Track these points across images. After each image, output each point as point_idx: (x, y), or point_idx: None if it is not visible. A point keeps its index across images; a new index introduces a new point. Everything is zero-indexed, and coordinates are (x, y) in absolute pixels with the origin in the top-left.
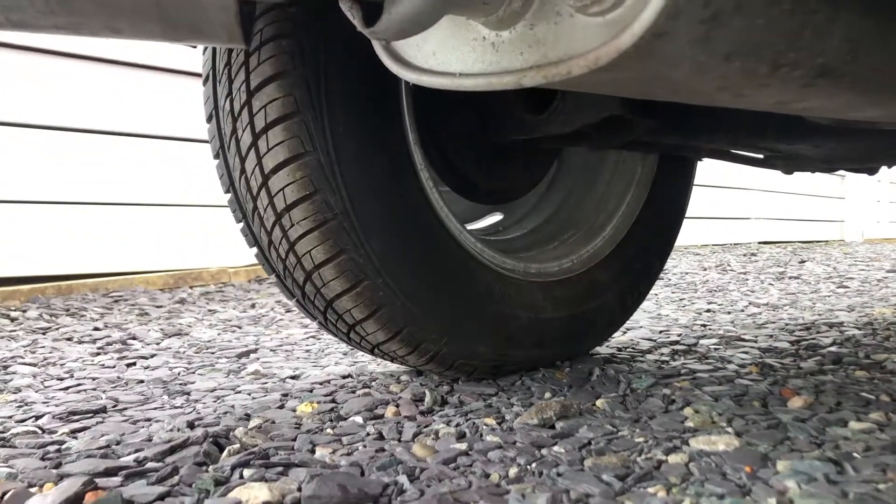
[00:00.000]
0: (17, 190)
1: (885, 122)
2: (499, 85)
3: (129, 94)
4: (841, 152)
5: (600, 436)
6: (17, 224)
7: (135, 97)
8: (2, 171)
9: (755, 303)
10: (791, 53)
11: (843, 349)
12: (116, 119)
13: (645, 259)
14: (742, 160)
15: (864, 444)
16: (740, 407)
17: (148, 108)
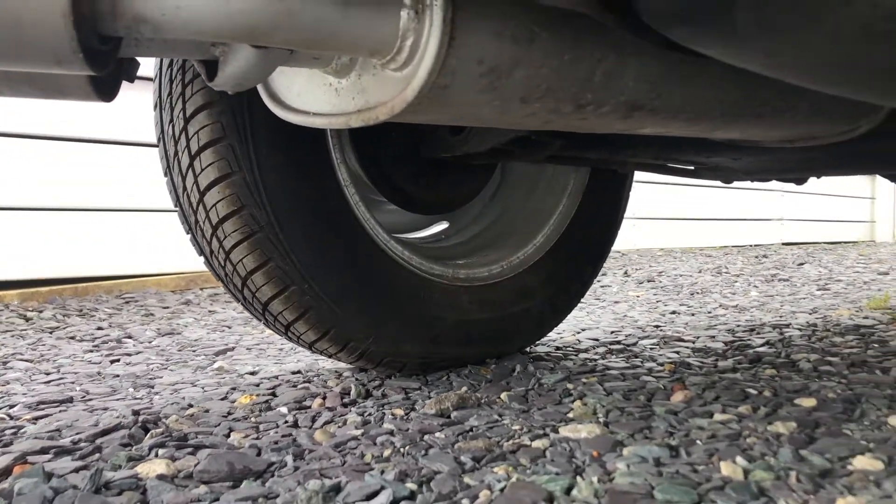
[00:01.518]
0: (36, 198)
1: (757, 141)
2: (336, 124)
3: (143, 106)
4: (760, 165)
5: (483, 424)
6: (37, 230)
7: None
8: (25, 180)
9: (725, 305)
10: (588, 94)
11: (770, 349)
12: (131, 130)
13: (576, 265)
14: (673, 172)
15: (711, 433)
16: (626, 401)
17: None
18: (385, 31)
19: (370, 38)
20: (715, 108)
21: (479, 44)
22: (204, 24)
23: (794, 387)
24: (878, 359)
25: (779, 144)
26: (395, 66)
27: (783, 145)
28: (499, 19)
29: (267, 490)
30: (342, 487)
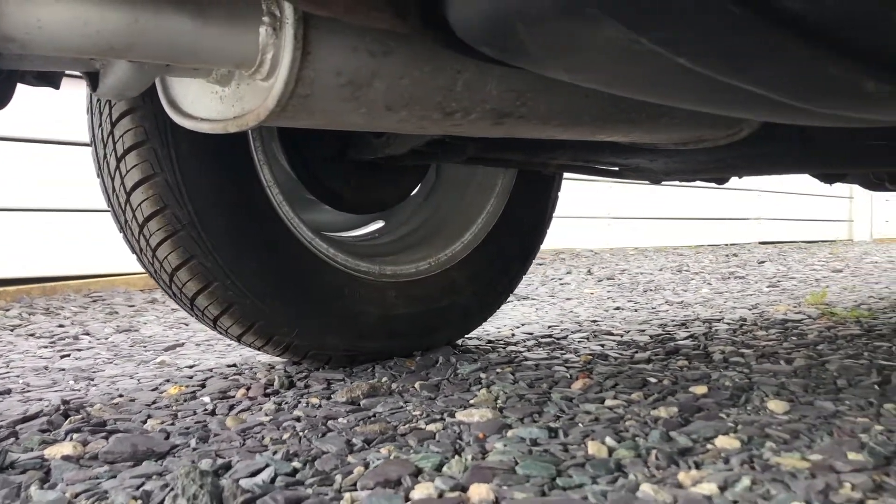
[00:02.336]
0: (4, 199)
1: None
2: (217, 129)
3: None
4: (675, 166)
5: (387, 410)
6: (6, 230)
7: None
8: None
9: (671, 301)
10: (453, 103)
11: (692, 342)
12: None
13: (503, 262)
14: (598, 172)
15: (595, 417)
16: (529, 388)
17: None
18: (246, 45)
19: (232, 52)
20: (584, 114)
21: (334, 57)
22: (66, 41)
23: (695, 376)
24: (789, 350)
25: (674, 147)
26: (261, 76)
27: (678, 147)
28: (353, 35)
29: (162, 468)
30: (232, 465)
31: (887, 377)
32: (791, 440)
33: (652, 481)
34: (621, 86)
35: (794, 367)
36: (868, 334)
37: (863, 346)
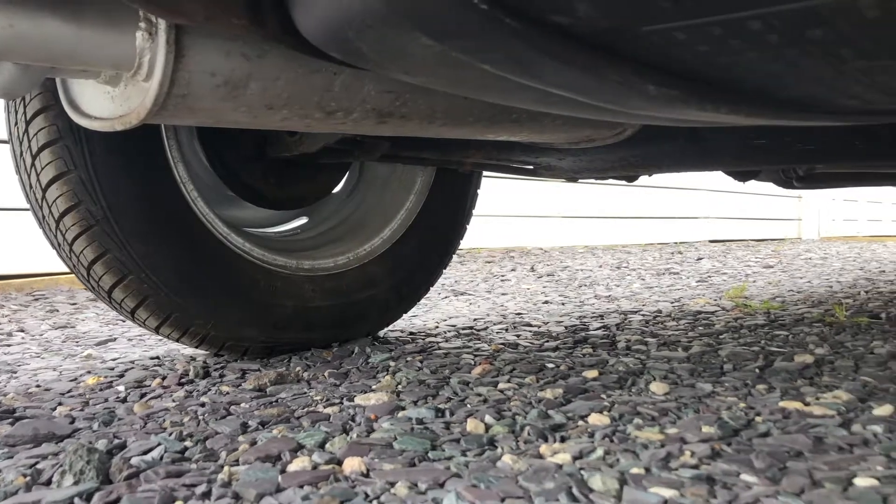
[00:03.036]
0: None
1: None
2: (106, 127)
3: None
4: (582, 164)
5: (290, 396)
6: None
7: None
8: None
9: (600, 295)
10: (332, 103)
11: (602, 332)
12: None
13: (422, 256)
14: (514, 171)
15: (484, 399)
16: (432, 374)
17: None
18: (124, 49)
19: (111, 55)
20: (468, 114)
21: (209, 60)
22: None
23: (592, 362)
24: (692, 339)
25: (569, 146)
26: (141, 78)
27: (571, 146)
28: (226, 39)
29: (59, 449)
30: (126, 445)
31: (771, 362)
32: (659, 417)
33: (515, 453)
34: (461, 88)
35: (690, 353)
36: (771, 324)
37: (763, 334)
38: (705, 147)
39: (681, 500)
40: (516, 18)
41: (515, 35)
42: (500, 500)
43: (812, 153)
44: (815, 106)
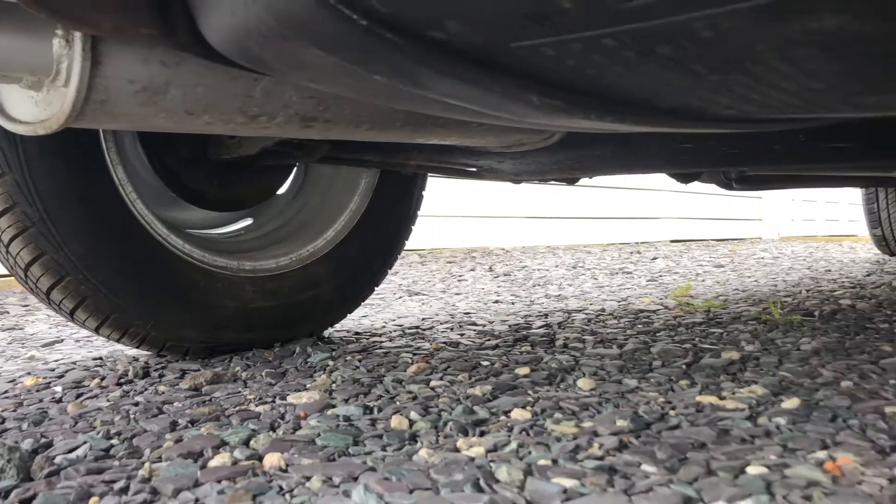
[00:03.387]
0: None
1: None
2: (29, 132)
3: None
4: (523, 167)
5: (224, 395)
6: None
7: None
8: None
9: (550, 295)
10: (254, 108)
11: (544, 330)
12: None
13: (366, 257)
14: (458, 174)
15: (414, 396)
16: (368, 373)
17: None
18: (42, 55)
19: (29, 61)
20: (394, 119)
21: (126, 67)
22: None
23: (527, 359)
24: (628, 337)
25: (501, 149)
26: (60, 83)
27: (505, 150)
28: (144, 47)
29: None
30: (53, 444)
31: (699, 358)
32: (579, 412)
33: (433, 447)
34: (368, 96)
35: (623, 350)
36: (708, 322)
37: (698, 332)
38: (636, 151)
39: (580, 490)
40: (396, 33)
41: (397, 49)
42: (408, 491)
43: (735, 156)
44: (696, 115)
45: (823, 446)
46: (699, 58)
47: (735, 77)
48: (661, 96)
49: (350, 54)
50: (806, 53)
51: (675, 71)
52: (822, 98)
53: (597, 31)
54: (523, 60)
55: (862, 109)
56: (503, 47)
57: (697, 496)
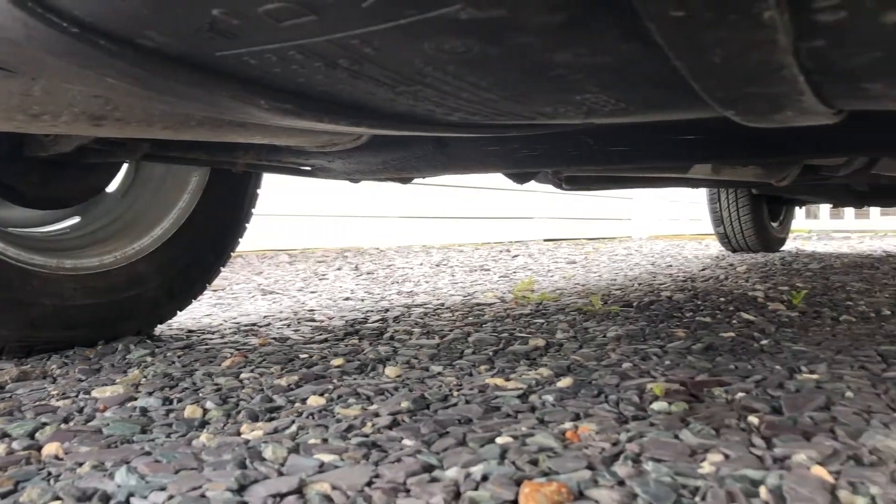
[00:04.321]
0: None
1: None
2: None
3: None
4: (352, 166)
5: (28, 391)
6: None
7: None
8: None
9: (403, 291)
10: (35, 106)
11: (377, 325)
12: None
13: (195, 255)
14: (291, 172)
15: (218, 387)
16: (182, 367)
17: None
18: None
19: None
20: (188, 118)
21: None
22: None
23: (346, 351)
24: (454, 328)
25: (317, 149)
26: None
27: (320, 150)
28: None
29: None
30: None
31: (509, 345)
32: (373, 396)
33: (216, 433)
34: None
35: (444, 340)
36: (535, 314)
37: (522, 322)
38: (451, 153)
39: (336, 463)
40: (109, 41)
41: (114, 55)
42: (174, 472)
43: (536, 159)
44: (426, 120)
45: (575, 418)
46: (378, 70)
47: (420, 88)
48: (385, 102)
49: (74, 59)
50: (457, 69)
51: (366, 81)
52: (507, 106)
53: (274, 44)
54: (238, 66)
55: (538, 118)
56: (209, 55)
57: (439, 463)
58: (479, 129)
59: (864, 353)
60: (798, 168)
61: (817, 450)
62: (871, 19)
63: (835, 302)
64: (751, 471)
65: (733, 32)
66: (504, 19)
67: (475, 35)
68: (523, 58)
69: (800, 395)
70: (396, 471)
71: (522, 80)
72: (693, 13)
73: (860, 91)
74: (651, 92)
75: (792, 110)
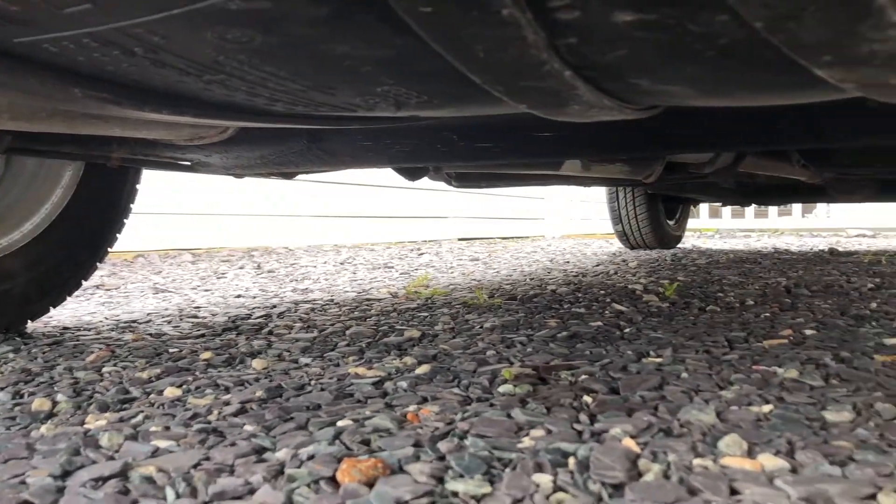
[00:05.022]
0: None
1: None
2: None
3: None
4: (230, 161)
5: None
6: None
7: None
8: None
9: (298, 289)
10: None
11: (260, 320)
12: None
13: (68, 251)
14: (170, 167)
15: (76, 381)
16: (45, 363)
17: None
18: None
19: None
20: (38, 110)
21: None
22: None
23: (218, 346)
24: (335, 322)
25: (185, 142)
26: None
27: (189, 143)
28: None
29: None
30: None
31: (384, 337)
32: (231, 387)
33: (59, 424)
34: None
35: (322, 334)
36: (422, 308)
37: (407, 316)
38: (326, 148)
39: (171, 448)
40: None
41: None
42: (2, 461)
43: (408, 154)
44: (251, 109)
45: (422, 401)
46: (174, 58)
47: (225, 77)
48: (196, 91)
49: None
50: (249, 58)
51: (170, 69)
52: (319, 97)
53: (66, 32)
54: (42, 54)
55: (357, 109)
56: (8, 41)
57: (272, 446)
58: (314, 121)
59: (714, 339)
60: (661, 165)
61: (634, 424)
62: (605, 19)
63: (706, 293)
64: (566, 444)
65: (482, 29)
66: (271, 10)
67: (252, 25)
68: (308, 48)
69: (639, 376)
70: (227, 454)
71: (317, 71)
72: (440, 9)
73: (632, 87)
74: (444, 85)
75: (577, 104)
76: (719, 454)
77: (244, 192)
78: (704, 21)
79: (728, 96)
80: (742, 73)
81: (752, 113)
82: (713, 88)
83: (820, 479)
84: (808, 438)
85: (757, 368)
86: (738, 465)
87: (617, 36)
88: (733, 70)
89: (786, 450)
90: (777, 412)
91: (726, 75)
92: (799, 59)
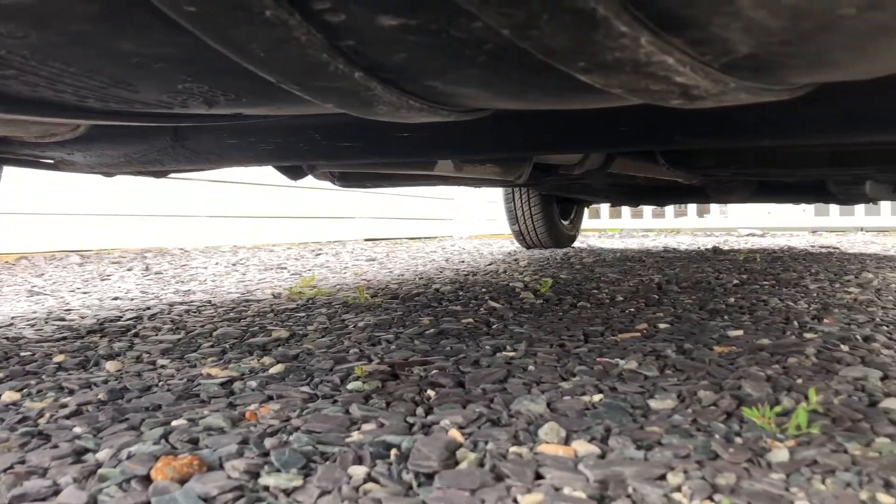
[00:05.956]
0: None
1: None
2: None
3: None
4: (95, 160)
5: None
6: None
7: None
8: None
9: (180, 290)
10: None
11: (130, 322)
12: None
13: None
14: (32, 164)
15: None
16: None
17: None
18: None
19: None
20: None
21: None
22: None
23: (75, 348)
24: (204, 324)
25: (38, 140)
26: None
27: (42, 141)
28: None
29: None
30: None
31: (250, 337)
32: (77, 390)
33: None
34: None
35: (188, 335)
36: (301, 308)
37: (284, 316)
38: (192, 146)
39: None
40: None
41: None
42: None
43: (273, 152)
44: (61, 104)
45: (267, 400)
46: (11, 50)
47: (16, 72)
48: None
49: None
50: (32, 53)
51: None
52: (123, 93)
53: None
54: None
55: (172, 106)
56: None
57: (95, 447)
58: (138, 118)
59: (572, 334)
60: (529, 166)
61: (465, 416)
62: (371, 22)
63: (582, 290)
64: (393, 436)
65: (252, 28)
66: (40, 6)
67: (23, 20)
68: (91, 46)
69: (487, 370)
70: (44, 456)
71: (109, 68)
72: (204, 8)
73: (430, 89)
74: (244, 83)
75: (382, 105)
76: (538, 442)
77: (136, 192)
78: (464, 27)
79: (523, 99)
80: (522, 78)
81: (597, 115)
82: (505, 91)
83: (620, 462)
84: (626, 425)
85: (600, 360)
86: (552, 452)
87: (390, 39)
88: (513, 75)
89: (601, 436)
90: (606, 401)
91: (508, 79)
92: (556, 64)
